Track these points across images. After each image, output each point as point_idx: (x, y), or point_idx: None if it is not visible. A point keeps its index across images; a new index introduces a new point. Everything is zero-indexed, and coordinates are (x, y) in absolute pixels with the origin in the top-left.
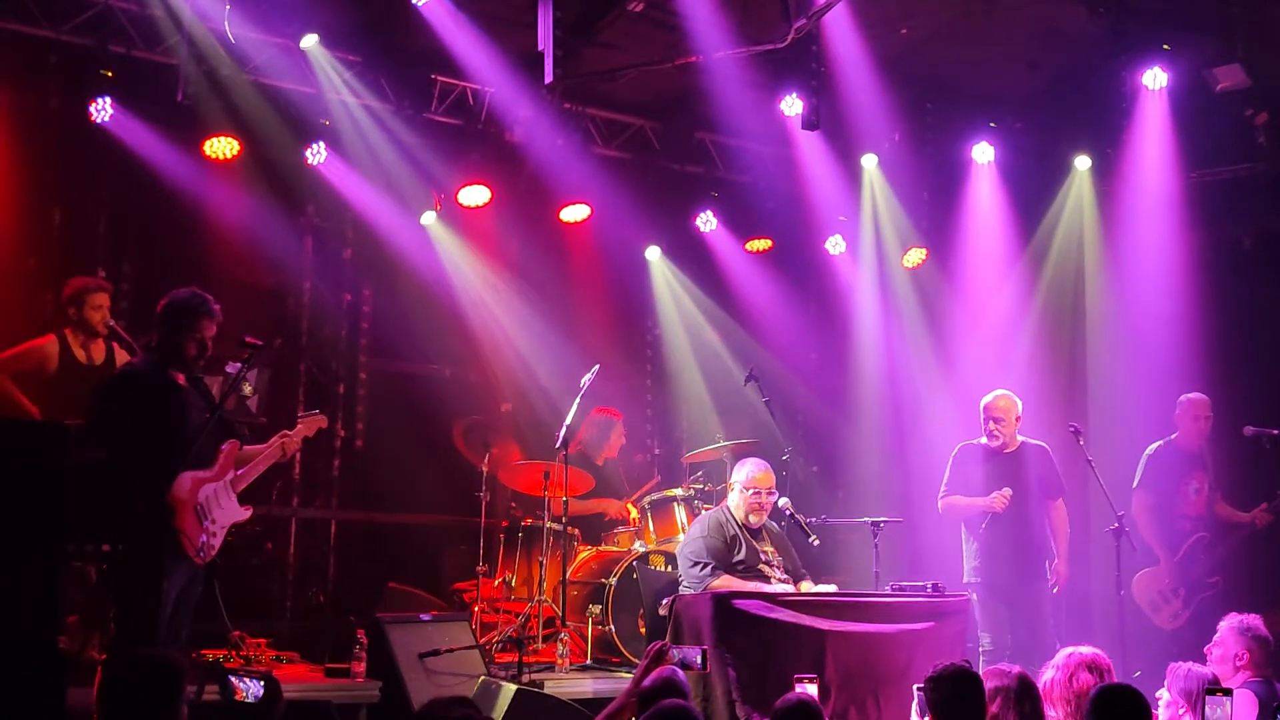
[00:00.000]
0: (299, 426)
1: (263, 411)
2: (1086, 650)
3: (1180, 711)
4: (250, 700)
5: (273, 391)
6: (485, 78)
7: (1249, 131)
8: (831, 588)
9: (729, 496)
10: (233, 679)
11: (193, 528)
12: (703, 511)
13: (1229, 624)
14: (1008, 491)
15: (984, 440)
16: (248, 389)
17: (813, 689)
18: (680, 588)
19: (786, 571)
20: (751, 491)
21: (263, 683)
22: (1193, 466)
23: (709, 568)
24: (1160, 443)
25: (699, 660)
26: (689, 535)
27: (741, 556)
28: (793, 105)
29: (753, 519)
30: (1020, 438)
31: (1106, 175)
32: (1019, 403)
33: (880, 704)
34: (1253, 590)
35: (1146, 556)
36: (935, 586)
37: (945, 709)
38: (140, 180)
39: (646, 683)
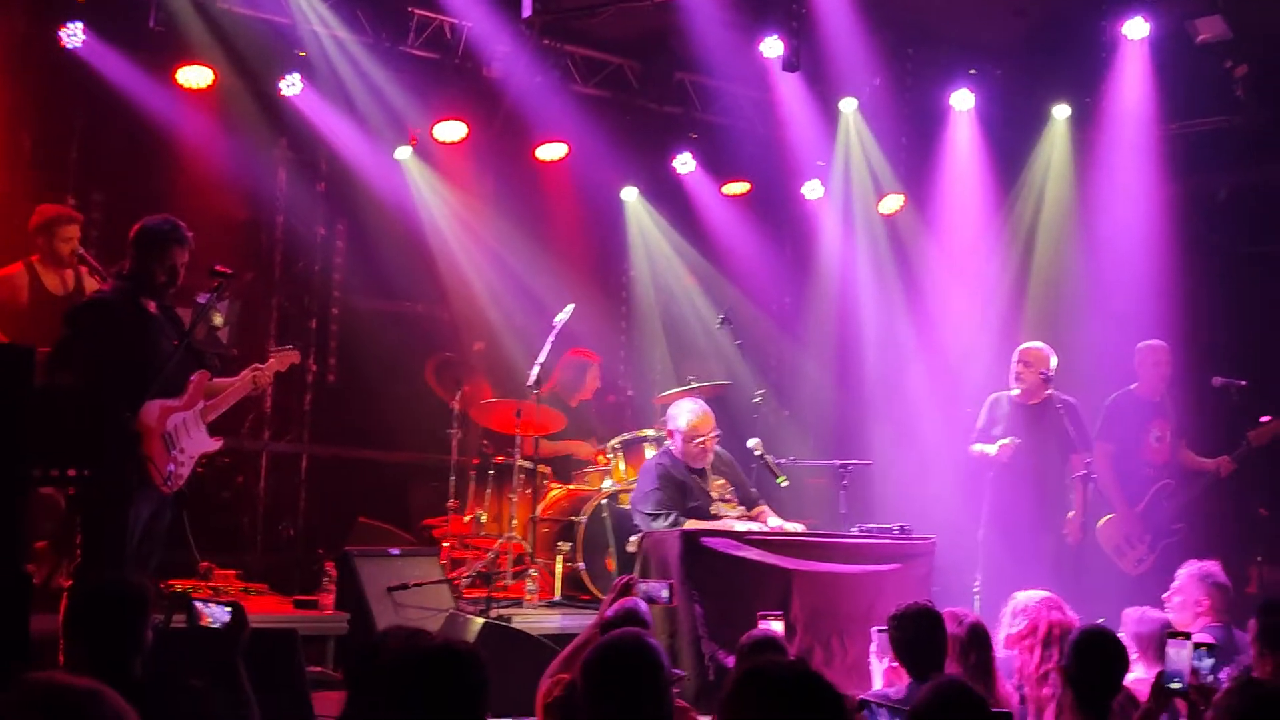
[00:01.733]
0: (271, 360)
1: (234, 344)
2: (1038, 594)
3: (1133, 656)
4: (216, 626)
5: (244, 325)
6: (463, 11)
7: (1228, 84)
8: (799, 527)
9: (670, 442)
10: (198, 604)
11: (160, 456)
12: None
13: (1188, 571)
14: (1010, 441)
15: (1014, 392)
16: (218, 319)
17: (778, 626)
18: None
19: (741, 501)
20: (696, 440)
21: (229, 609)
22: (1154, 414)
23: (671, 517)
24: (1120, 393)
25: (665, 594)
26: (639, 490)
27: (695, 503)
28: (773, 47)
29: (706, 460)
30: (1050, 391)
31: (1085, 125)
32: (1052, 357)
33: (845, 643)
34: (1216, 537)
35: (1107, 504)
36: (902, 529)
37: (909, 648)
38: (112, 108)
39: (609, 613)
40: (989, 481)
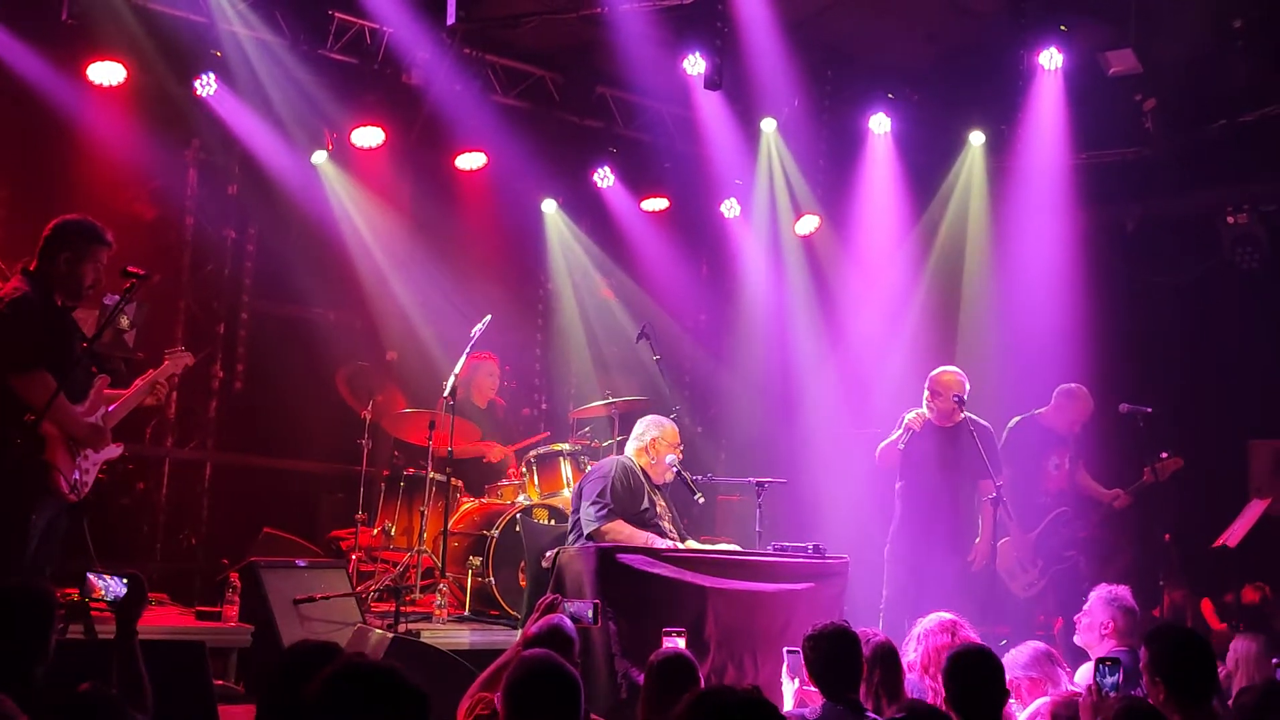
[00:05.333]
0: (165, 364)
1: (139, 347)
2: (946, 616)
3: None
4: (110, 599)
5: (151, 328)
6: (384, 16)
7: (1138, 116)
8: (732, 546)
9: (642, 451)
10: (91, 576)
11: (65, 463)
12: (589, 466)
13: (1098, 594)
14: (917, 413)
15: (926, 413)
16: (125, 322)
17: (681, 643)
18: (569, 530)
19: (676, 533)
20: (673, 449)
21: (125, 580)
22: (1055, 443)
23: (607, 509)
24: (1023, 417)
25: (590, 615)
26: (597, 471)
27: (645, 507)
28: (695, 64)
29: (668, 476)
30: (965, 414)
31: (999, 152)
32: (965, 382)
33: (758, 662)
34: (1106, 566)
35: (1005, 526)
36: (816, 548)
37: (825, 667)
38: (18, 102)
39: (532, 630)
40: (898, 497)
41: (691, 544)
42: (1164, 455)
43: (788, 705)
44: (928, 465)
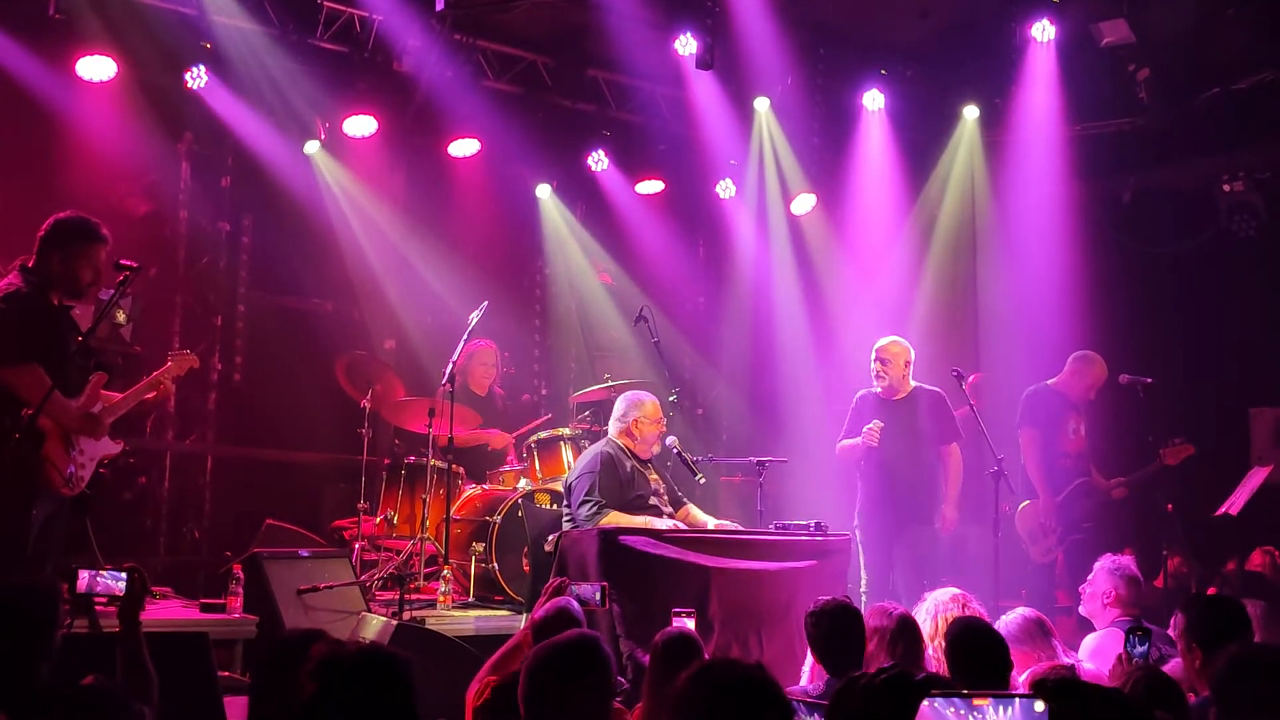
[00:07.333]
0: (169, 364)
1: (136, 341)
2: (955, 590)
3: None
4: (105, 595)
5: (148, 322)
6: (374, 4)
7: (1131, 87)
8: (733, 525)
9: (624, 433)
10: (82, 573)
11: (60, 457)
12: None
13: (1102, 564)
14: (877, 424)
15: (876, 389)
16: (121, 316)
17: (690, 623)
18: (564, 523)
19: (669, 501)
20: (658, 425)
21: (123, 574)
22: (1069, 409)
23: (598, 505)
24: (1036, 386)
25: (597, 597)
26: (578, 470)
27: (639, 491)
28: (687, 44)
29: (655, 449)
30: (914, 384)
31: (994, 126)
32: (910, 350)
33: (762, 640)
34: (1119, 544)
35: (1026, 491)
36: (818, 526)
37: (826, 643)
38: (8, 99)
39: (539, 614)
40: (860, 476)
41: (692, 509)
42: (1177, 441)
43: (805, 678)
44: (887, 441)
